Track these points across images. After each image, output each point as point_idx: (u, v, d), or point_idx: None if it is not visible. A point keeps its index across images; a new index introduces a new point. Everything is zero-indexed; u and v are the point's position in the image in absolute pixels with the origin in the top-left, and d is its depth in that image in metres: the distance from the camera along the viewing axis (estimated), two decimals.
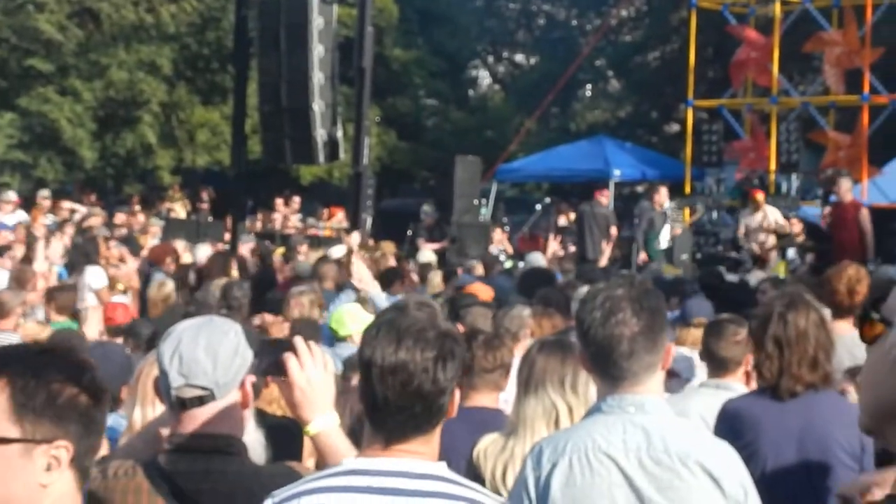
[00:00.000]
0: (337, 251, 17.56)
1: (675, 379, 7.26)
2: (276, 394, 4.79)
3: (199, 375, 3.47)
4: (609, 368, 3.70)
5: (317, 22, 21.66)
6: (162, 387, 3.53)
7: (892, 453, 6.46)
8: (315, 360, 3.56)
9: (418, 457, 3.21)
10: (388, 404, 3.17)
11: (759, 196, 22.83)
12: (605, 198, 23.06)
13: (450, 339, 3.22)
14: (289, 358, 3.54)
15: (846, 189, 19.84)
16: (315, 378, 3.54)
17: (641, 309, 3.68)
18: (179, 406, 3.50)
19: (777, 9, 28.03)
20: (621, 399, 3.69)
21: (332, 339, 9.40)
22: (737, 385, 6.05)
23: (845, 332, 7.29)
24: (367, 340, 3.22)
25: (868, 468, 5.39)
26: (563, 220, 26.16)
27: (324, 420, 3.55)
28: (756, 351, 5.47)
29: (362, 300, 11.28)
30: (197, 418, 3.50)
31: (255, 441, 3.69)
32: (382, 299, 10.05)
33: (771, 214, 21.99)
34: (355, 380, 7.58)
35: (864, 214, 19.64)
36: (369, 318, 9.43)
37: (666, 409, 3.76)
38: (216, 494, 3.45)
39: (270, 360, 3.57)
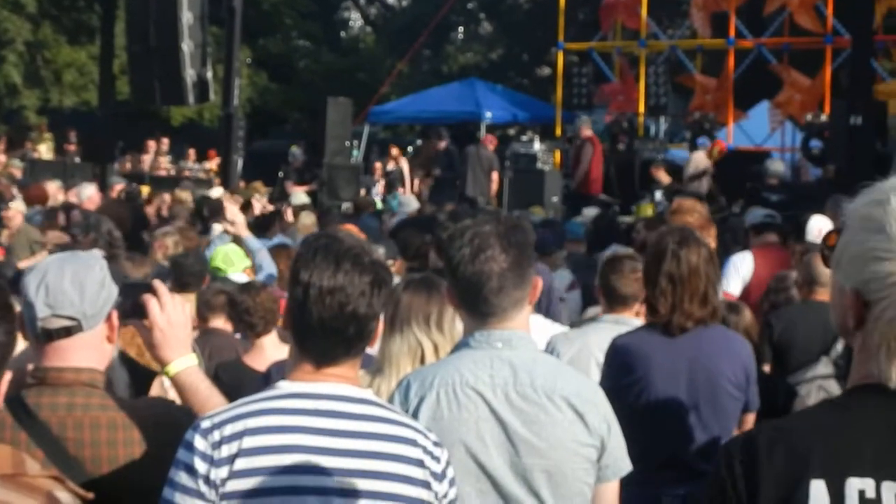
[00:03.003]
0: (215, 192, 17.48)
1: None
2: (130, 337, 4.80)
3: (65, 306, 3.46)
4: (478, 304, 3.73)
5: None
6: (26, 319, 3.49)
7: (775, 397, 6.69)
8: (174, 301, 3.63)
9: (349, 381, 3.31)
10: (324, 325, 3.25)
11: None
12: (492, 144, 24.06)
13: (382, 267, 3.33)
14: (149, 300, 3.60)
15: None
16: (175, 319, 3.62)
17: (510, 245, 3.71)
18: (45, 337, 3.48)
19: None
20: (489, 334, 3.74)
21: (213, 277, 9.41)
22: (634, 320, 6.14)
23: None
24: (303, 263, 3.27)
25: (752, 399, 5.59)
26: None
27: (184, 360, 3.63)
28: (649, 287, 5.57)
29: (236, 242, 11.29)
30: (62, 350, 3.48)
31: (119, 378, 3.69)
32: (255, 242, 10.04)
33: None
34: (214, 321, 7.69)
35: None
36: (245, 259, 9.56)
37: (533, 345, 3.83)
38: (80, 427, 3.44)
39: (129, 303, 3.60)
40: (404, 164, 25.16)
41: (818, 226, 9.32)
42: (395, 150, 25.49)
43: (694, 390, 5.46)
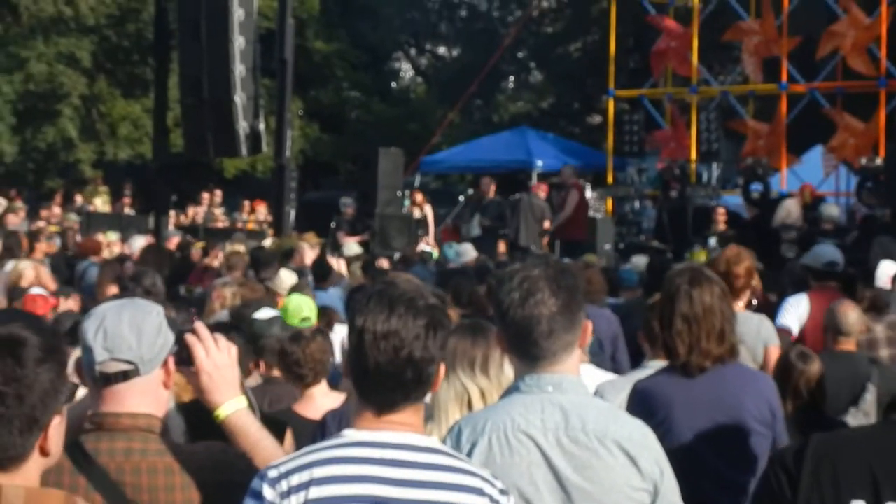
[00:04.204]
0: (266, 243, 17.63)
1: None
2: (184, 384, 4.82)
3: (124, 350, 3.49)
4: (528, 348, 3.72)
5: (237, 13, 21.55)
6: (85, 364, 3.53)
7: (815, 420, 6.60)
8: (219, 345, 3.64)
9: (412, 429, 3.31)
10: (380, 370, 3.26)
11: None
12: (543, 192, 23.89)
13: (438, 310, 3.34)
14: (194, 344, 3.61)
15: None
16: (221, 362, 3.63)
17: (559, 288, 3.71)
18: (103, 382, 3.50)
19: None
20: (539, 378, 3.72)
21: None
22: None
23: None
24: (358, 309, 3.31)
25: (780, 434, 5.47)
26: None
27: (232, 404, 3.63)
28: (665, 329, 5.50)
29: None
30: (119, 395, 3.51)
31: (175, 423, 3.71)
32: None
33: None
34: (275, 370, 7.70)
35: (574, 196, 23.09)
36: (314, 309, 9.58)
37: (584, 388, 3.81)
38: (138, 473, 3.46)
39: (186, 351, 3.62)
40: (428, 211, 25.16)
41: (888, 272, 9.21)
42: (419, 197, 25.51)
43: (717, 431, 5.37)
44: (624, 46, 34.69)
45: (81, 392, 4.17)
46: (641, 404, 5.41)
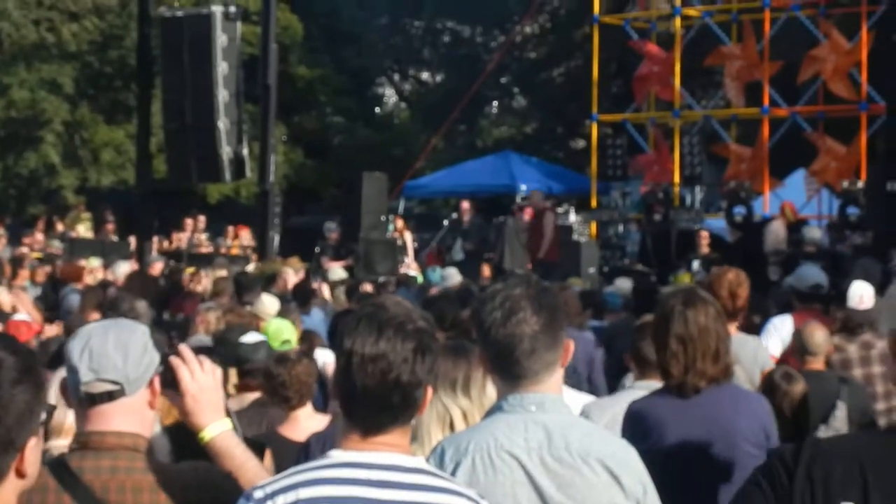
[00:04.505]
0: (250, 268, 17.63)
1: None
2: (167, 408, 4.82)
3: (109, 369, 3.48)
4: (510, 367, 3.72)
5: (220, 39, 21.62)
6: (70, 384, 3.52)
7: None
8: (204, 368, 3.63)
9: (399, 450, 3.30)
10: (368, 393, 3.25)
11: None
12: (528, 215, 24.00)
13: (427, 334, 3.33)
14: (179, 367, 3.60)
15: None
16: (205, 385, 3.62)
17: (541, 307, 3.71)
18: (88, 401, 3.50)
19: (678, 24, 28.39)
20: (522, 398, 3.72)
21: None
22: None
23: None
24: (347, 331, 3.29)
25: None
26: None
27: (217, 426, 3.62)
28: (660, 351, 5.51)
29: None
30: (105, 415, 3.50)
31: (160, 444, 3.70)
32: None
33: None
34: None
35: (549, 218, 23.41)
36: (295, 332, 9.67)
37: (566, 407, 3.81)
38: (123, 491, 3.45)
39: (171, 373, 3.61)
40: (408, 236, 25.20)
41: (859, 292, 9.25)
42: (399, 223, 25.52)
43: (711, 452, 5.38)
44: (607, 72, 34.77)
45: (68, 414, 4.16)
46: (636, 425, 5.41)
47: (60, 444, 3.84)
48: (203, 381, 3.62)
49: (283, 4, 35.05)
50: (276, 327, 9.65)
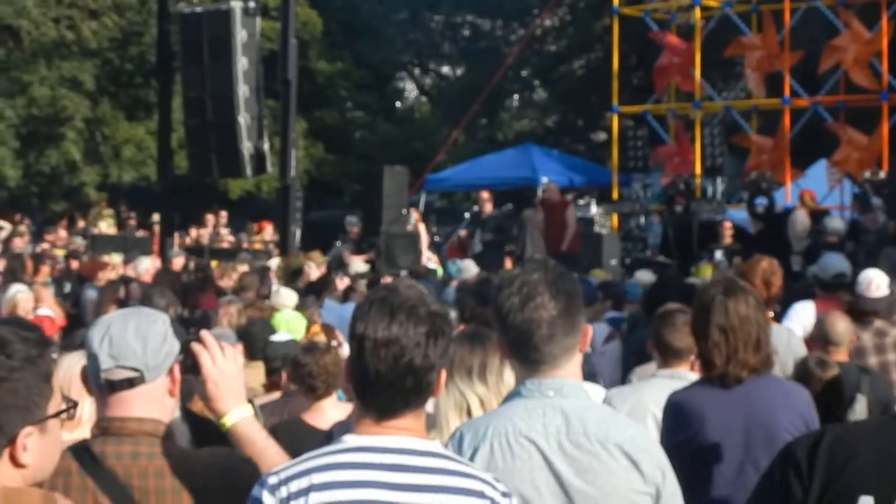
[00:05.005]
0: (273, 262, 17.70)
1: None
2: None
3: (129, 357, 3.50)
4: (528, 353, 3.71)
5: (240, 35, 21.63)
6: (90, 372, 3.55)
7: None
8: (226, 353, 3.64)
9: (413, 434, 3.29)
10: (380, 378, 3.24)
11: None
12: (547, 208, 23.73)
13: (440, 317, 3.32)
14: (200, 353, 3.62)
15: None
16: (227, 371, 3.63)
17: (559, 292, 3.69)
18: (108, 388, 3.52)
19: (697, 14, 28.32)
20: (540, 383, 3.71)
21: None
22: (689, 374, 6.07)
23: None
24: (359, 316, 3.29)
25: None
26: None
27: (238, 412, 3.63)
28: (700, 341, 5.48)
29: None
30: (125, 401, 3.53)
31: (181, 433, 3.72)
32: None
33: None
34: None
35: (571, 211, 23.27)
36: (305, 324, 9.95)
37: (584, 393, 3.79)
38: (145, 476, 3.48)
39: (191, 360, 3.62)
40: (422, 229, 25.18)
41: (868, 278, 9.21)
42: (415, 215, 25.50)
43: (751, 444, 5.35)
44: (627, 63, 34.74)
45: (89, 405, 4.18)
46: (676, 415, 5.40)
47: (74, 436, 3.86)
48: (225, 367, 3.63)
49: (302, 0, 35.09)
50: (279, 319, 9.92)
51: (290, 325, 10.19)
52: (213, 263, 19.82)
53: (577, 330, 3.73)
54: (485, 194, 24.97)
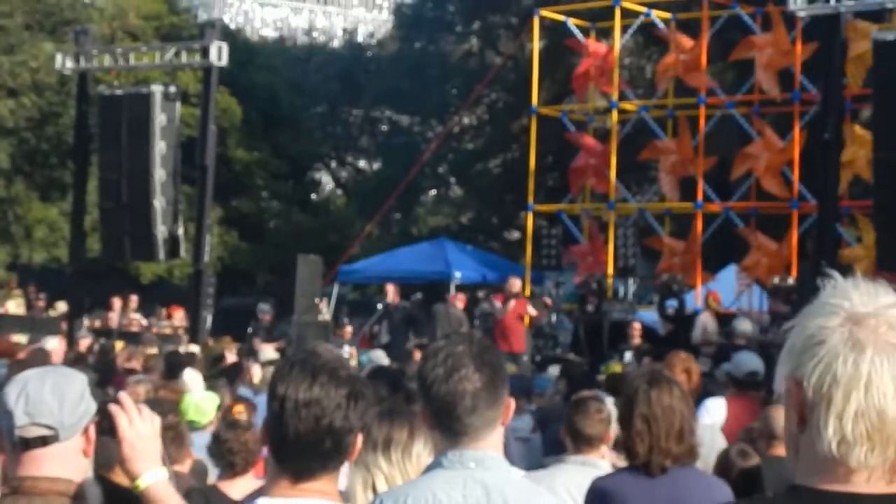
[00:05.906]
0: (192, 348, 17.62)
1: None
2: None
3: (45, 414, 3.48)
4: (451, 424, 3.73)
5: (159, 119, 21.62)
6: (4, 428, 3.51)
7: None
8: (143, 415, 3.62)
9: (328, 497, 3.28)
10: (300, 439, 3.24)
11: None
12: (461, 301, 24.45)
13: (359, 381, 3.33)
14: (118, 413, 3.59)
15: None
16: (144, 433, 3.61)
17: (483, 365, 3.72)
18: (22, 446, 3.49)
19: (614, 117, 28.69)
20: (462, 454, 3.72)
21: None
22: (601, 462, 6.13)
23: None
24: (280, 377, 3.29)
25: None
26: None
27: (153, 474, 3.61)
28: (624, 430, 5.53)
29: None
30: (38, 460, 3.49)
31: (92, 495, 3.67)
32: None
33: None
34: None
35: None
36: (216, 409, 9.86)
37: (505, 465, 3.81)
38: None
39: (107, 422, 3.60)
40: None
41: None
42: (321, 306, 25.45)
43: None
44: (543, 163, 35.07)
45: None
46: (601, 501, 5.42)
47: None
48: (141, 428, 3.61)
49: (223, 87, 35.12)
50: (187, 402, 9.88)
51: (198, 407, 10.13)
52: (119, 345, 19.61)
53: (500, 403, 3.75)
54: (390, 286, 25.08)
